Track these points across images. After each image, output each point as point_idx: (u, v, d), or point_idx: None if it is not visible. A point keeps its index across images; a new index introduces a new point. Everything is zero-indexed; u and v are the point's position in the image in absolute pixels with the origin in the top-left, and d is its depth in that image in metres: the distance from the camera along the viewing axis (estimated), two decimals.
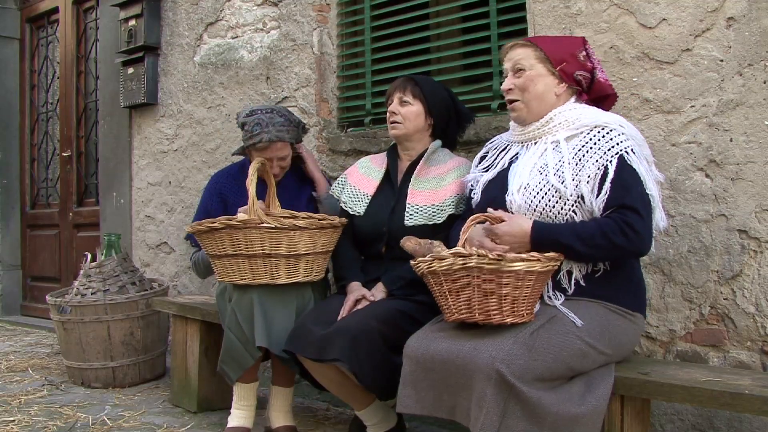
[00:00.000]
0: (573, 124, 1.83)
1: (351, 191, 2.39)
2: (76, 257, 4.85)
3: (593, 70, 1.91)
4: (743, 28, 1.99)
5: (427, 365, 1.66)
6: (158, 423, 2.67)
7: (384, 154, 2.44)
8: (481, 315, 1.62)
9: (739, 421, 1.98)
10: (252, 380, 2.43)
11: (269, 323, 2.23)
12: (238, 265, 2.21)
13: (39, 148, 5.43)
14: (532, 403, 1.49)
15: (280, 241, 2.15)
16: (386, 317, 2.03)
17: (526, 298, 1.62)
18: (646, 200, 1.72)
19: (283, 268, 2.20)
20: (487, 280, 1.60)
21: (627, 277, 1.81)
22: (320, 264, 2.30)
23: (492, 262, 1.58)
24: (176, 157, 3.87)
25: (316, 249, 2.23)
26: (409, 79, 2.33)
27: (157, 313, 3.26)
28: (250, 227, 2.13)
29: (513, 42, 1.94)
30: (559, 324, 1.64)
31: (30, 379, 3.40)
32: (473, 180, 2.04)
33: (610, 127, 1.78)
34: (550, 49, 1.87)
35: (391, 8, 3.00)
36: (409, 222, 2.20)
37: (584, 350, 1.62)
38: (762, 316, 1.96)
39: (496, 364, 1.50)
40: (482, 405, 1.51)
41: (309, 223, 2.19)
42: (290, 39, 3.27)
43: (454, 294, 1.65)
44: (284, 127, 2.48)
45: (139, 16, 3.94)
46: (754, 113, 1.97)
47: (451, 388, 1.61)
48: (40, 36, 5.44)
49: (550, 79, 1.87)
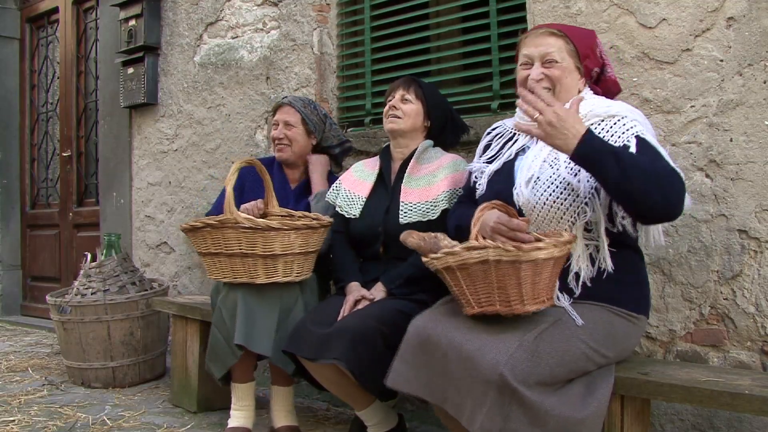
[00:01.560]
0: (586, 116, 1.75)
1: (345, 195, 2.41)
2: (76, 257, 4.85)
3: (604, 66, 1.89)
4: (743, 28, 1.99)
5: (427, 348, 1.63)
6: (158, 423, 2.67)
7: (376, 158, 2.47)
8: (503, 306, 1.57)
9: (739, 421, 1.98)
10: (247, 380, 2.43)
11: (250, 322, 2.24)
12: (221, 264, 2.22)
13: (39, 148, 5.43)
14: (535, 408, 1.48)
15: (256, 241, 2.15)
16: (386, 317, 2.03)
17: (546, 284, 1.59)
18: (673, 166, 1.62)
19: (261, 268, 2.19)
20: (505, 271, 1.54)
21: (633, 279, 1.78)
22: (302, 264, 2.27)
23: (509, 254, 1.52)
24: (176, 157, 3.87)
25: (293, 249, 2.20)
26: (412, 80, 2.37)
27: (157, 313, 3.26)
28: (227, 227, 2.15)
29: (542, 29, 1.84)
30: (563, 328, 1.61)
31: (30, 379, 3.40)
32: (477, 171, 1.97)
33: (621, 115, 1.74)
34: (579, 43, 1.81)
35: (391, 8, 3.00)
36: (404, 220, 2.21)
37: (588, 354, 1.61)
38: (762, 316, 1.96)
39: (499, 368, 1.48)
40: (482, 405, 1.49)
41: (283, 224, 2.19)
42: (290, 39, 3.27)
43: (471, 288, 1.60)
44: (303, 103, 2.63)
45: (139, 16, 3.94)
46: (754, 113, 1.97)
47: (448, 380, 1.58)
48: (40, 36, 5.44)
49: (575, 75, 1.83)
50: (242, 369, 2.41)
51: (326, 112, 2.71)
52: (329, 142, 2.70)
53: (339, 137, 2.73)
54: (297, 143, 2.61)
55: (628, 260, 1.77)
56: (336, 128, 2.73)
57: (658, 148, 1.68)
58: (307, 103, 2.66)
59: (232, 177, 2.19)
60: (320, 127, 2.65)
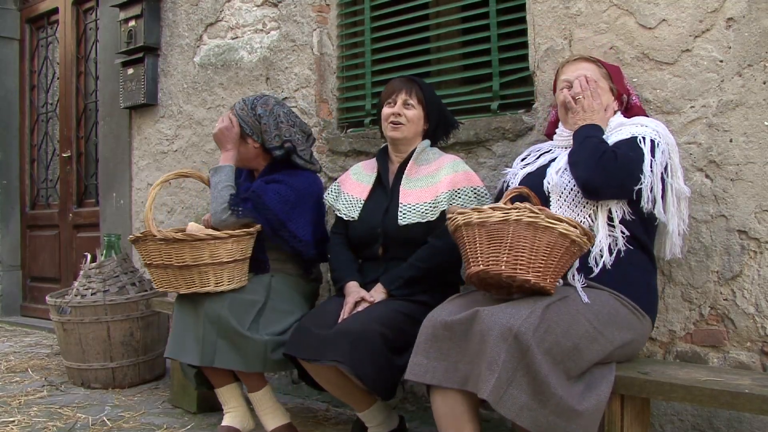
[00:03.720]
0: (614, 130, 1.95)
1: (345, 199, 2.40)
2: (76, 258, 4.85)
3: (629, 95, 2.09)
4: (743, 28, 1.99)
5: (443, 335, 1.67)
6: (158, 423, 2.67)
7: (374, 160, 2.46)
8: (508, 267, 1.61)
9: (738, 421, 1.98)
10: (223, 384, 2.43)
11: (182, 334, 2.31)
12: (154, 274, 2.33)
13: (39, 149, 5.43)
14: (540, 378, 1.50)
15: (170, 253, 2.24)
16: (387, 319, 2.03)
17: (554, 263, 1.62)
18: (627, 159, 1.80)
19: (180, 279, 2.27)
20: (521, 233, 1.60)
21: (644, 281, 1.85)
22: (219, 275, 2.28)
23: (531, 215, 1.59)
24: (176, 158, 3.87)
25: (204, 260, 2.24)
26: (413, 82, 2.34)
27: (156, 314, 3.26)
28: (148, 239, 2.26)
29: (575, 57, 2.11)
30: (570, 304, 1.67)
31: (30, 379, 3.40)
32: (512, 174, 2.10)
33: (644, 123, 1.91)
34: (609, 68, 2.06)
35: (391, 8, 3.00)
36: (403, 221, 2.21)
37: (592, 334, 1.64)
38: (762, 316, 1.96)
39: (514, 328, 1.52)
40: (494, 368, 1.51)
41: (189, 235, 2.25)
42: (290, 39, 3.28)
43: (484, 246, 1.64)
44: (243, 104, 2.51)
45: (138, 16, 3.94)
46: (754, 114, 1.97)
47: (466, 356, 1.61)
48: (40, 36, 5.44)
49: (609, 95, 2.03)
50: (214, 375, 2.42)
51: (269, 111, 2.50)
52: (270, 144, 2.49)
53: (282, 137, 2.48)
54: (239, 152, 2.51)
55: (642, 264, 1.85)
56: (283, 128, 2.49)
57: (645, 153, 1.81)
58: (247, 103, 2.52)
59: (153, 191, 2.28)
60: (256, 128, 2.49)
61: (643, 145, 1.82)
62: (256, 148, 2.52)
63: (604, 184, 1.79)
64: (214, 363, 2.24)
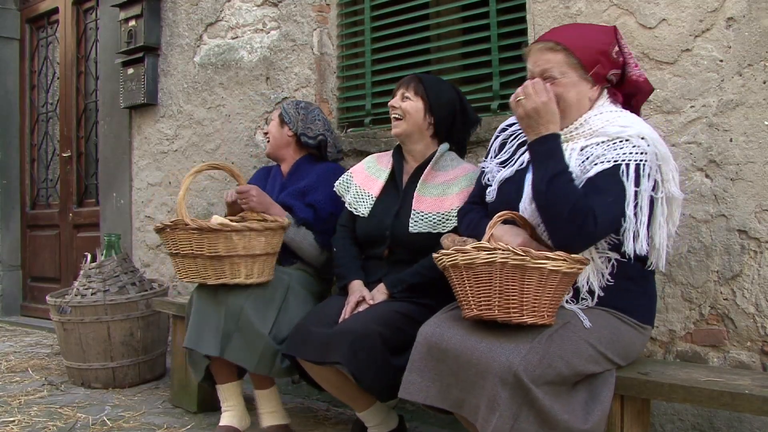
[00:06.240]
0: (596, 132, 1.72)
1: (356, 192, 2.37)
2: (76, 257, 4.85)
3: (624, 66, 1.79)
4: (743, 28, 1.99)
5: (437, 356, 1.63)
6: (158, 423, 2.67)
7: (389, 153, 2.42)
8: (501, 312, 1.56)
9: (739, 421, 1.98)
10: (228, 380, 2.44)
11: (200, 324, 2.29)
12: (180, 264, 2.31)
13: (39, 149, 5.43)
14: (545, 411, 1.48)
15: (202, 243, 2.23)
16: (387, 320, 2.02)
17: (549, 299, 1.57)
18: (609, 214, 1.61)
19: (210, 269, 2.26)
20: (509, 275, 1.53)
21: (642, 290, 1.79)
22: (250, 267, 2.28)
23: (516, 258, 1.52)
24: (176, 158, 3.87)
25: (237, 251, 2.24)
26: (414, 77, 2.32)
27: (157, 314, 3.26)
28: (179, 227, 2.24)
29: (541, 44, 1.78)
30: (572, 330, 1.62)
31: (30, 379, 3.40)
32: (490, 173, 1.93)
33: (627, 139, 1.67)
34: (582, 54, 1.73)
35: (391, 8, 3.00)
36: (414, 229, 2.18)
37: (594, 357, 1.62)
38: (762, 316, 1.96)
39: (513, 367, 1.48)
40: (495, 407, 1.49)
41: (223, 225, 2.24)
42: (290, 39, 3.27)
43: (474, 289, 1.59)
44: (292, 104, 2.79)
45: (139, 16, 3.94)
46: (754, 113, 1.97)
47: (461, 384, 1.59)
48: (40, 36, 5.44)
49: (584, 86, 1.75)
50: (220, 371, 2.42)
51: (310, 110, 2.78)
52: (303, 133, 2.74)
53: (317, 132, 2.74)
54: (273, 136, 2.77)
55: (637, 273, 1.77)
56: (319, 125, 2.74)
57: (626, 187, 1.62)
58: (294, 102, 2.84)
59: (187, 180, 2.29)
60: (295, 118, 2.73)
61: (626, 178, 1.62)
62: (289, 136, 2.74)
63: (583, 246, 1.63)
64: (224, 354, 2.25)
